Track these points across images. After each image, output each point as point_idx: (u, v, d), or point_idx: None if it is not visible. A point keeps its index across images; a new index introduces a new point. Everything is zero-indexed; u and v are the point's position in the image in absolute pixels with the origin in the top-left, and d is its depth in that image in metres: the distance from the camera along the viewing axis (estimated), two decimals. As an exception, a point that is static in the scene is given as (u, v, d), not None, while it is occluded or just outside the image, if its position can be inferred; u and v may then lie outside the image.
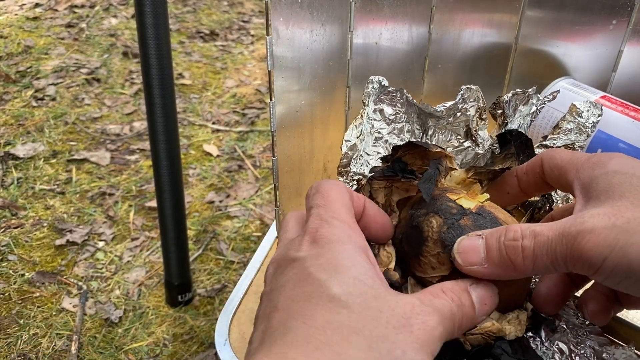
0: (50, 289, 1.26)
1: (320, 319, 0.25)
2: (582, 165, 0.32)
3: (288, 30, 0.46)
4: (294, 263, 0.28)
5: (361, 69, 0.55)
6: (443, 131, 0.47)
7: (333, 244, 0.28)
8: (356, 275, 0.27)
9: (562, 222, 0.29)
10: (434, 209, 0.35)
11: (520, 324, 0.34)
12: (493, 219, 0.35)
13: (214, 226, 1.47)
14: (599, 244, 0.27)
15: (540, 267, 0.29)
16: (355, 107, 0.56)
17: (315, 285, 0.26)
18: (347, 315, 0.25)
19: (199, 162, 1.70)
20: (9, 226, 1.40)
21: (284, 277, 0.28)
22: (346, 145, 0.44)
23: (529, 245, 0.29)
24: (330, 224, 0.30)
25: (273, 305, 0.27)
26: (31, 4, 2.47)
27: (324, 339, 0.24)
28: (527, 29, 0.62)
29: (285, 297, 0.27)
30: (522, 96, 0.46)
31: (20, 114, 1.81)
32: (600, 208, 0.28)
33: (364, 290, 0.26)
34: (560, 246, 0.28)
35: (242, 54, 2.36)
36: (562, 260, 0.28)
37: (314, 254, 0.28)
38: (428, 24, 0.59)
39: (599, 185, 0.30)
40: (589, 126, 0.45)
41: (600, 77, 0.63)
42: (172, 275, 1.20)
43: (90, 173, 1.61)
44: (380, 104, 0.45)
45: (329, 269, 0.27)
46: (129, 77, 2.08)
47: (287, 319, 0.25)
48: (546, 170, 0.36)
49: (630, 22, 0.58)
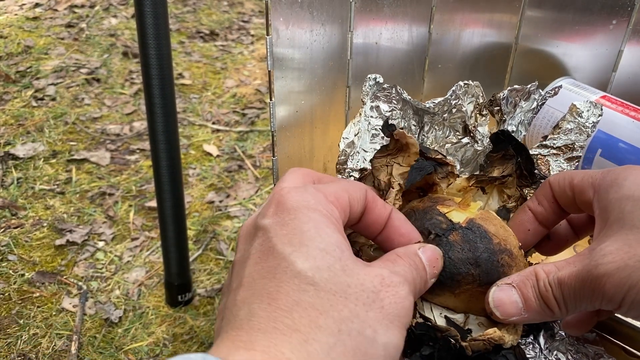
0: (50, 289, 1.26)
1: (286, 298, 0.24)
2: (599, 185, 0.32)
3: (288, 30, 0.46)
4: (259, 232, 0.27)
5: (361, 69, 0.55)
6: (440, 127, 0.47)
7: (299, 211, 0.26)
8: (322, 247, 0.25)
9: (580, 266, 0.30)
10: (424, 223, 0.35)
11: (516, 332, 0.34)
12: (482, 234, 0.35)
13: (214, 226, 1.47)
14: (616, 284, 0.28)
15: (571, 310, 0.31)
16: (355, 106, 0.56)
17: (279, 259, 0.25)
18: (315, 293, 0.24)
19: (199, 162, 1.70)
20: (9, 226, 1.40)
21: (249, 246, 0.27)
22: (344, 143, 0.44)
23: (559, 295, 0.31)
24: (301, 188, 0.28)
25: (239, 281, 0.26)
26: (31, 4, 2.46)
27: (291, 323, 0.23)
28: (527, 29, 0.62)
29: (250, 271, 0.25)
30: (522, 92, 0.46)
31: (20, 114, 1.81)
32: (613, 243, 0.29)
33: (330, 263, 0.25)
34: (583, 291, 0.30)
35: (242, 54, 2.36)
36: (589, 302, 0.30)
37: (278, 221, 0.26)
38: (428, 24, 0.59)
39: (613, 211, 0.31)
40: (589, 126, 0.45)
41: (600, 77, 0.63)
42: (172, 275, 1.20)
43: (90, 173, 1.61)
44: (376, 101, 0.45)
45: (294, 240, 0.25)
46: (129, 77, 2.08)
47: (252, 298, 0.24)
48: (557, 193, 0.36)
49: (630, 22, 0.58)
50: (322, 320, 0.23)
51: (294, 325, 0.23)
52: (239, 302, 0.25)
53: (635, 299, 0.28)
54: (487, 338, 0.33)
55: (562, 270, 0.31)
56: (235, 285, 0.26)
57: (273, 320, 0.23)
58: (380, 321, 0.24)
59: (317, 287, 0.24)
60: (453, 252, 0.33)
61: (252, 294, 0.24)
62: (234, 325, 0.24)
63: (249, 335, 0.23)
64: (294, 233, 0.25)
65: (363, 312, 0.24)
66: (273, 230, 0.26)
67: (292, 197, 0.27)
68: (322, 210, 0.27)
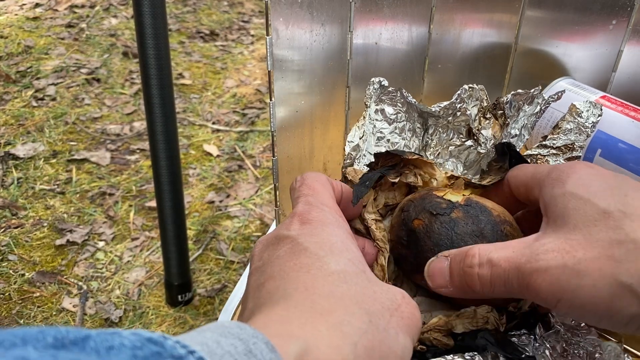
0: (50, 289, 1.26)
1: (322, 288, 0.25)
2: (544, 181, 0.32)
3: (288, 30, 0.46)
4: (286, 240, 0.28)
5: (361, 69, 0.55)
6: (444, 130, 0.47)
7: (325, 226, 0.28)
8: (350, 258, 0.27)
9: (517, 254, 0.29)
10: (424, 206, 0.36)
11: (475, 318, 0.34)
12: (482, 208, 0.35)
13: (214, 226, 1.47)
14: (552, 284, 0.27)
15: (498, 294, 0.30)
16: (355, 107, 0.56)
17: (313, 259, 0.26)
18: (347, 289, 0.25)
19: (199, 162, 1.70)
20: (9, 226, 1.40)
21: (276, 252, 0.28)
22: (349, 146, 0.44)
23: (485, 274, 0.30)
24: (320, 208, 0.30)
25: (268, 275, 0.26)
26: (31, 4, 2.47)
27: (328, 306, 0.24)
28: (527, 29, 0.62)
29: (281, 267, 0.26)
30: (526, 96, 0.46)
31: (21, 114, 1.81)
32: (555, 240, 0.28)
33: (358, 272, 0.27)
34: (516, 280, 0.29)
35: (242, 54, 2.36)
36: (519, 292, 0.29)
37: (306, 232, 0.28)
38: (428, 24, 0.59)
39: (557, 207, 0.30)
40: (589, 126, 0.45)
41: (600, 77, 0.63)
42: (172, 275, 1.20)
43: (91, 173, 1.61)
44: (381, 104, 0.45)
45: (325, 247, 0.27)
46: (129, 77, 2.08)
47: (286, 285, 0.25)
48: (513, 188, 0.36)
49: (630, 22, 0.58)
50: (356, 309, 0.24)
51: (330, 308, 0.24)
52: (271, 290, 0.25)
53: (572, 305, 0.27)
54: (434, 327, 0.34)
55: (498, 252, 0.30)
56: (264, 279, 0.26)
57: (310, 302, 0.24)
58: (401, 327, 0.26)
59: (350, 285, 0.25)
60: (458, 227, 0.34)
61: (286, 282, 0.25)
62: (268, 305, 0.24)
63: (285, 311, 0.23)
64: (323, 242, 0.27)
65: (387, 314, 0.26)
66: (302, 237, 0.27)
67: (315, 214, 0.29)
68: (344, 228, 0.29)
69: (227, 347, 0.19)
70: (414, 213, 0.36)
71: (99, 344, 0.16)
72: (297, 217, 0.29)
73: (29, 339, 0.16)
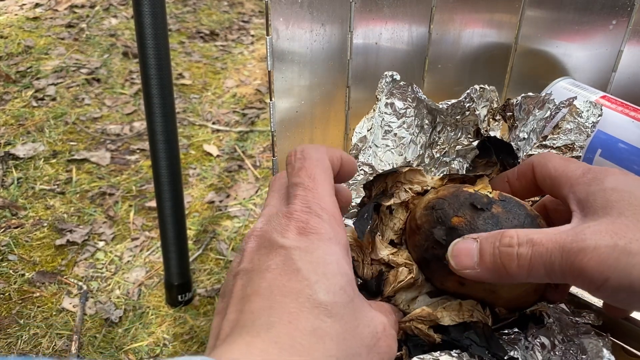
0: (50, 289, 1.26)
1: (305, 322, 0.25)
2: (577, 181, 0.32)
3: (288, 30, 0.46)
4: (280, 250, 0.27)
5: (361, 69, 0.55)
6: (452, 128, 0.48)
7: (323, 242, 0.27)
8: (342, 285, 0.27)
9: (561, 234, 0.29)
10: (461, 202, 0.34)
11: (461, 310, 0.34)
12: (517, 202, 0.35)
13: (214, 226, 1.47)
14: (602, 263, 0.27)
15: (535, 276, 0.29)
16: (355, 107, 0.56)
17: (303, 285, 0.26)
18: (331, 325, 0.25)
19: (199, 162, 1.70)
20: (9, 226, 1.40)
21: (267, 260, 0.27)
22: (356, 137, 0.45)
23: (525, 253, 0.29)
24: (320, 217, 0.28)
25: (254, 288, 0.26)
26: (31, 4, 2.47)
27: (308, 346, 0.24)
28: (527, 29, 0.62)
29: (269, 284, 0.26)
30: (536, 99, 0.46)
31: (21, 114, 1.81)
32: (600, 224, 0.28)
33: (346, 301, 0.26)
34: (559, 260, 0.28)
35: (242, 54, 2.36)
36: (560, 273, 0.28)
37: (302, 246, 0.27)
38: (428, 24, 0.59)
39: (596, 201, 0.30)
40: (589, 126, 0.45)
41: (600, 77, 0.63)
42: (172, 275, 1.20)
43: (91, 173, 1.61)
44: (391, 98, 0.46)
45: (318, 270, 0.26)
46: (129, 77, 2.08)
47: (270, 311, 0.25)
48: (538, 178, 0.36)
49: (630, 22, 0.58)
50: (335, 351, 0.25)
51: (310, 348, 0.24)
52: (255, 310, 0.25)
53: (621, 284, 0.26)
54: (416, 317, 0.34)
55: (539, 233, 0.29)
56: (250, 291, 0.26)
57: (291, 338, 0.24)
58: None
59: (334, 320, 0.25)
60: (501, 223, 0.33)
61: (271, 307, 0.25)
62: (251, 331, 0.24)
63: (265, 345, 0.23)
64: (318, 262, 0.27)
65: (365, 352, 0.27)
66: (297, 253, 0.27)
67: (313, 224, 0.28)
68: (341, 243, 0.28)
69: None
70: (451, 210, 0.34)
71: None
72: (294, 223, 0.28)
73: None
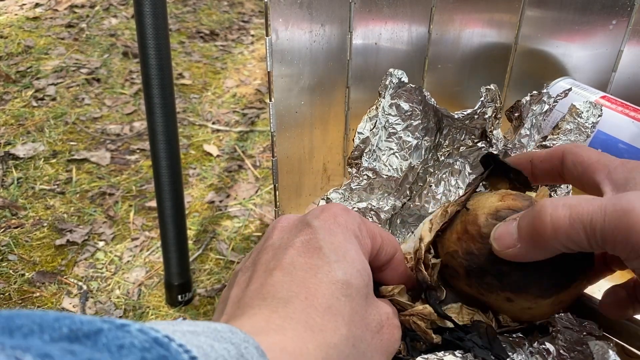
0: (50, 289, 1.26)
1: (321, 299, 0.26)
2: (616, 169, 0.32)
3: (288, 30, 0.46)
4: (307, 228, 0.29)
5: (361, 70, 0.55)
6: (458, 131, 0.47)
7: (346, 231, 0.29)
8: (359, 269, 0.28)
9: (600, 200, 0.27)
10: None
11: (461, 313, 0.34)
12: None
13: (214, 226, 1.47)
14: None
15: (571, 241, 0.28)
16: (355, 107, 0.56)
17: (323, 261, 0.27)
18: (344, 304, 0.26)
19: (199, 162, 1.70)
20: (9, 226, 1.40)
21: (295, 238, 0.29)
22: (359, 138, 0.44)
23: (562, 215, 0.27)
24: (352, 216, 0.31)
25: (278, 262, 0.28)
26: (31, 4, 2.47)
27: (321, 323, 0.25)
28: (527, 29, 0.62)
29: (292, 259, 0.27)
30: (535, 96, 0.46)
31: (21, 114, 1.81)
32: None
33: (360, 285, 0.28)
34: (601, 222, 0.26)
35: (242, 54, 2.36)
36: (601, 237, 0.27)
37: (328, 229, 0.29)
38: (428, 24, 0.59)
39: (636, 184, 0.29)
40: (589, 126, 0.45)
41: (600, 77, 0.63)
42: (172, 275, 1.20)
43: (91, 173, 1.61)
44: (397, 99, 0.45)
45: (339, 252, 0.28)
46: (129, 77, 2.08)
47: (290, 285, 0.26)
48: (567, 164, 0.35)
49: (630, 22, 0.58)
50: (345, 330, 0.26)
51: (323, 326, 0.25)
52: (277, 283, 0.27)
53: None
54: (417, 313, 0.34)
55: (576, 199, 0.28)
56: (273, 265, 0.28)
57: (307, 315, 0.25)
58: (379, 350, 0.29)
59: (347, 299, 0.27)
60: None
61: (291, 281, 0.26)
62: (270, 304, 0.26)
63: (282, 321, 0.25)
64: (339, 245, 0.28)
65: (369, 337, 0.28)
66: (322, 233, 0.29)
67: (343, 217, 0.30)
68: (362, 240, 0.30)
69: (221, 352, 0.20)
70: None
71: (110, 340, 0.17)
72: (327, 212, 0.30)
73: (46, 327, 0.17)
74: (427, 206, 0.49)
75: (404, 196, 0.49)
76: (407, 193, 0.49)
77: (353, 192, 0.46)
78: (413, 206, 0.50)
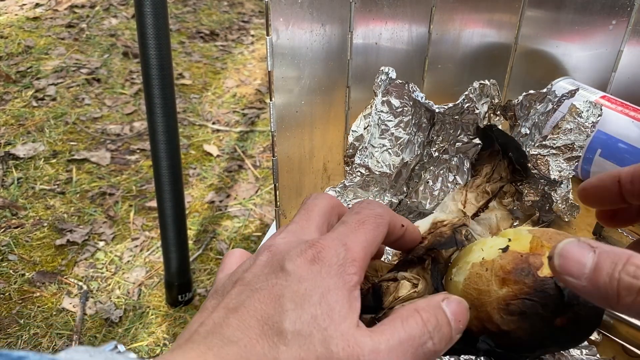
0: (50, 289, 1.26)
1: (260, 349, 0.25)
2: None
3: (288, 30, 0.46)
4: (281, 274, 0.27)
5: (361, 69, 0.55)
6: (451, 126, 0.47)
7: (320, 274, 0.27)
8: (317, 314, 0.26)
9: None
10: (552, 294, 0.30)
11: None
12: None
13: (214, 226, 1.47)
14: None
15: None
16: (355, 107, 0.56)
17: (276, 311, 0.26)
18: (285, 351, 0.25)
19: (199, 162, 1.70)
20: (9, 226, 1.40)
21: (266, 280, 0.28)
22: (352, 136, 0.44)
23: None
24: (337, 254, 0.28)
25: (241, 303, 0.27)
26: (31, 4, 2.47)
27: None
28: (527, 29, 0.62)
29: (251, 304, 0.27)
30: (537, 95, 0.46)
31: (21, 114, 1.81)
32: None
33: (312, 332, 0.26)
34: None
35: (242, 54, 2.36)
36: None
37: (299, 274, 0.27)
38: (428, 24, 0.59)
39: None
40: (589, 126, 0.45)
41: (600, 77, 0.63)
42: (172, 275, 1.20)
43: (91, 173, 1.61)
44: (387, 96, 0.45)
45: (298, 298, 0.26)
46: (129, 77, 2.08)
47: (237, 329, 0.26)
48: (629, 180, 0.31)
49: (630, 22, 0.58)
50: None
51: None
52: (229, 325, 0.26)
53: None
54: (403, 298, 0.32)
55: None
56: (233, 305, 0.27)
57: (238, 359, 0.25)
58: None
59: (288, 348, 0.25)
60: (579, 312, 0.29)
61: (240, 326, 0.26)
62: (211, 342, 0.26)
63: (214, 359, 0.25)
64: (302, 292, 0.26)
65: None
66: (290, 280, 0.27)
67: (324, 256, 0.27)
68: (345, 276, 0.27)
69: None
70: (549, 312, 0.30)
71: None
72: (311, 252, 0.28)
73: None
74: (424, 202, 0.49)
75: (400, 192, 0.49)
76: (403, 190, 0.49)
77: (347, 189, 0.46)
78: (410, 202, 0.50)
